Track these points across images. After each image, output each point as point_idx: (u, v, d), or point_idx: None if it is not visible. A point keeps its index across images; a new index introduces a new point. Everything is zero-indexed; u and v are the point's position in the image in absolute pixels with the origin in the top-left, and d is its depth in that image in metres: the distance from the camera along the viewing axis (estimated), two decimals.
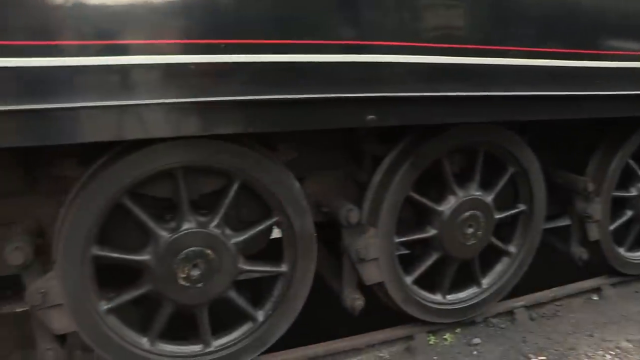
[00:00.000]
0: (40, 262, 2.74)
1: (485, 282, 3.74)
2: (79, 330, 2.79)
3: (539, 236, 3.83)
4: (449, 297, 3.64)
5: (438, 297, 3.60)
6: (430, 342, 3.58)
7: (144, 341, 2.92)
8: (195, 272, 2.80)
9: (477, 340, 3.61)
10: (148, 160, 2.63)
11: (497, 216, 3.58)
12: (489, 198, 3.52)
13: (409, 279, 3.47)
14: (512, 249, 3.78)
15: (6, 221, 2.85)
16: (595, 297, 4.28)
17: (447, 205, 3.41)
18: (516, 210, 3.72)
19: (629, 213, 4.26)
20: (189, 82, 2.38)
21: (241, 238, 2.92)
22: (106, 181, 2.62)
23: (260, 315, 3.09)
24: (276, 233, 3.22)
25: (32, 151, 2.75)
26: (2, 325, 3.45)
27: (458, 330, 3.71)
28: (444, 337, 3.64)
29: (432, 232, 3.44)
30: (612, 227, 4.17)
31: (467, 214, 3.45)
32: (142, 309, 3.39)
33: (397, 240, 3.38)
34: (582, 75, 3.17)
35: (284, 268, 3.07)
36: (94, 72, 2.26)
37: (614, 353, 3.52)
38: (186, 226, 2.78)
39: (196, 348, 3.02)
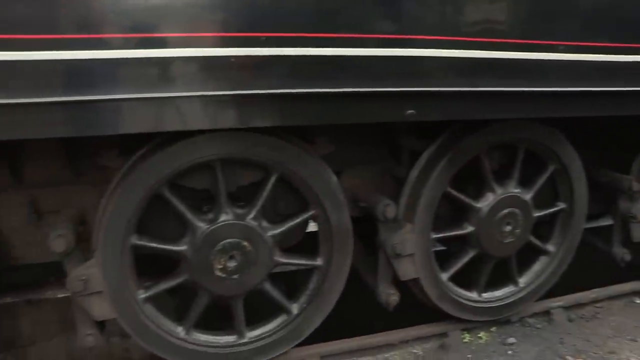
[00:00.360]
0: (82, 249, 2.80)
1: (523, 281, 3.67)
2: (117, 317, 2.84)
3: (579, 235, 3.74)
4: (485, 295, 3.60)
5: (474, 295, 3.56)
6: (465, 340, 3.54)
7: (180, 330, 2.96)
8: (232, 264, 2.83)
9: (512, 340, 3.56)
10: (187, 152, 2.65)
11: (536, 214, 3.51)
12: (528, 196, 3.45)
13: (444, 276, 3.43)
14: (550, 247, 3.71)
15: (51, 209, 2.94)
16: (637, 300, 4.17)
17: (485, 202, 3.36)
18: (556, 209, 3.64)
19: None
20: (228, 75, 2.39)
21: (278, 231, 2.93)
22: (145, 172, 2.65)
23: (294, 308, 3.10)
24: (312, 227, 3.23)
25: (76, 142, 2.82)
26: (45, 309, 3.55)
27: (493, 329, 3.66)
28: (479, 335, 3.60)
29: (469, 229, 3.39)
30: None
31: (506, 211, 3.39)
32: (177, 299, 3.45)
33: (434, 236, 3.34)
34: (627, 70, 3.06)
35: (319, 262, 3.07)
36: (135, 65, 2.28)
37: None
38: (223, 218, 2.80)
39: (230, 338, 3.05)
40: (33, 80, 2.22)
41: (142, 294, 2.86)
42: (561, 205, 3.64)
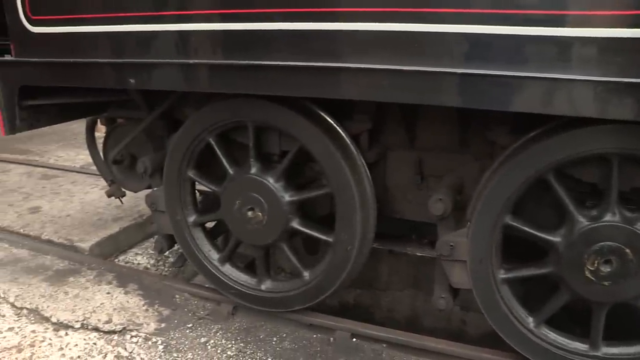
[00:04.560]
0: (455, 217, 2.94)
1: None
2: (473, 289, 2.91)
3: None
4: None
5: None
6: None
7: (530, 320, 2.88)
8: (606, 269, 2.60)
9: None
10: (585, 140, 2.49)
11: None
12: None
13: None
14: None
15: (434, 173, 3.15)
16: None
17: None
18: None
19: None
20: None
21: None
22: (536, 154, 2.60)
23: None
24: None
25: (468, 113, 2.92)
26: (402, 263, 3.88)
27: None
28: None
29: None
30: None
31: None
32: (524, 287, 3.35)
33: None
34: None
35: None
36: (532, 43, 2.23)
37: None
38: (609, 218, 2.58)
39: (581, 347, 2.83)
40: (438, 51, 2.36)
41: (502, 274, 2.86)
42: None
